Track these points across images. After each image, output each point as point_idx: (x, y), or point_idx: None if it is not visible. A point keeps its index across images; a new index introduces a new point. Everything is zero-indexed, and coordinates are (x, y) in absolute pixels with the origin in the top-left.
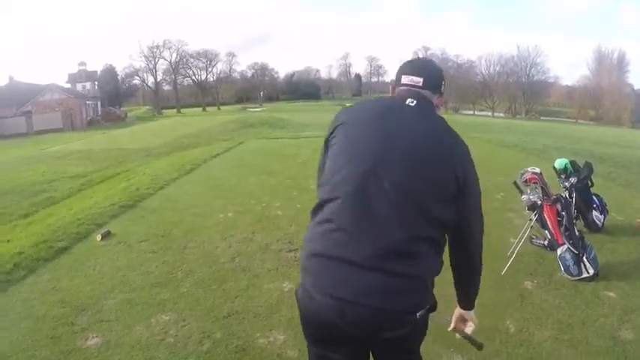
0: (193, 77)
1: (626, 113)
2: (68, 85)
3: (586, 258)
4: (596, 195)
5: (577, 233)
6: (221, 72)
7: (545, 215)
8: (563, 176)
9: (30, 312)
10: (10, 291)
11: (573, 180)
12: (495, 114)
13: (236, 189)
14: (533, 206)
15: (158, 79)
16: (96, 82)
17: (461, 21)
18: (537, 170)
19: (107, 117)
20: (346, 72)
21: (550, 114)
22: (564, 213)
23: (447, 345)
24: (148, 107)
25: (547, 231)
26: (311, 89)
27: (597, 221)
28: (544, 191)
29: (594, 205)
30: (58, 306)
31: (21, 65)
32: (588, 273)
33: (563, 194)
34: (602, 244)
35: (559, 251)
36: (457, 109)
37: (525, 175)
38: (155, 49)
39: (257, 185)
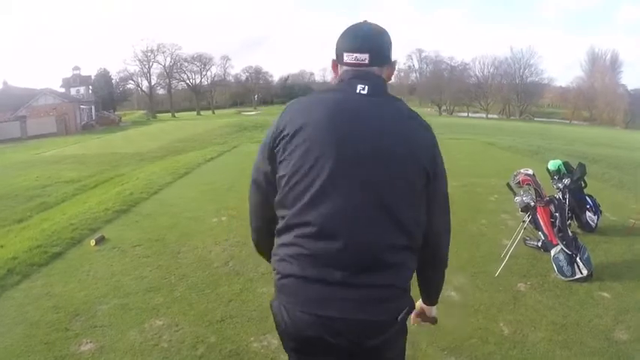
0: (188, 81)
1: (619, 114)
2: (62, 90)
3: (580, 259)
4: (589, 196)
5: (570, 234)
6: (215, 76)
7: (538, 216)
8: (556, 177)
9: (24, 317)
10: (4, 296)
11: (566, 181)
12: (489, 115)
13: (230, 193)
14: (526, 208)
15: (152, 83)
16: (90, 87)
17: (455, 20)
18: (530, 172)
19: (101, 121)
20: None
21: (544, 115)
22: (557, 214)
23: (442, 348)
24: (143, 111)
25: (540, 232)
26: (305, 92)
27: (591, 222)
28: (537, 192)
29: (588, 206)
30: (52, 311)
31: (15, 70)
32: (582, 274)
33: (556, 195)
34: (595, 245)
35: (553, 252)
36: (452, 112)
37: (518, 177)
38: (149, 53)
39: None
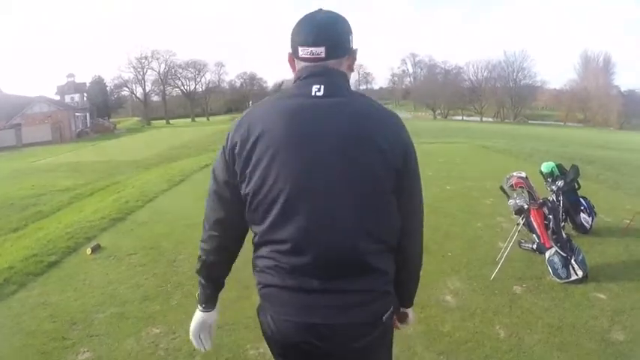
0: (182, 88)
1: (613, 115)
2: (57, 97)
3: (574, 260)
4: (583, 197)
5: (565, 236)
6: (210, 82)
7: (531, 219)
8: (549, 180)
9: (20, 327)
10: (1, 306)
11: (560, 183)
12: (484, 119)
13: None
14: (520, 210)
15: (147, 90)
16: (85, 94)
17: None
18: (523, 174)
19: (96, 129)
20: None
21: (538, 117)
22: (551, 216)
23: (438, 352)
24: (137, 118)
25: (535, 235)
26: None
27: (585, 223)
28: (530, 195)
29: (582, 208)
30: (49, 320)
31: (9, 77)
32: (577, 275)
33: (550, 198)
34: (590, 246)
35: (547, 254)
36: (446, 115)
37: (511, 180)
38: (143, 60)
39: None
